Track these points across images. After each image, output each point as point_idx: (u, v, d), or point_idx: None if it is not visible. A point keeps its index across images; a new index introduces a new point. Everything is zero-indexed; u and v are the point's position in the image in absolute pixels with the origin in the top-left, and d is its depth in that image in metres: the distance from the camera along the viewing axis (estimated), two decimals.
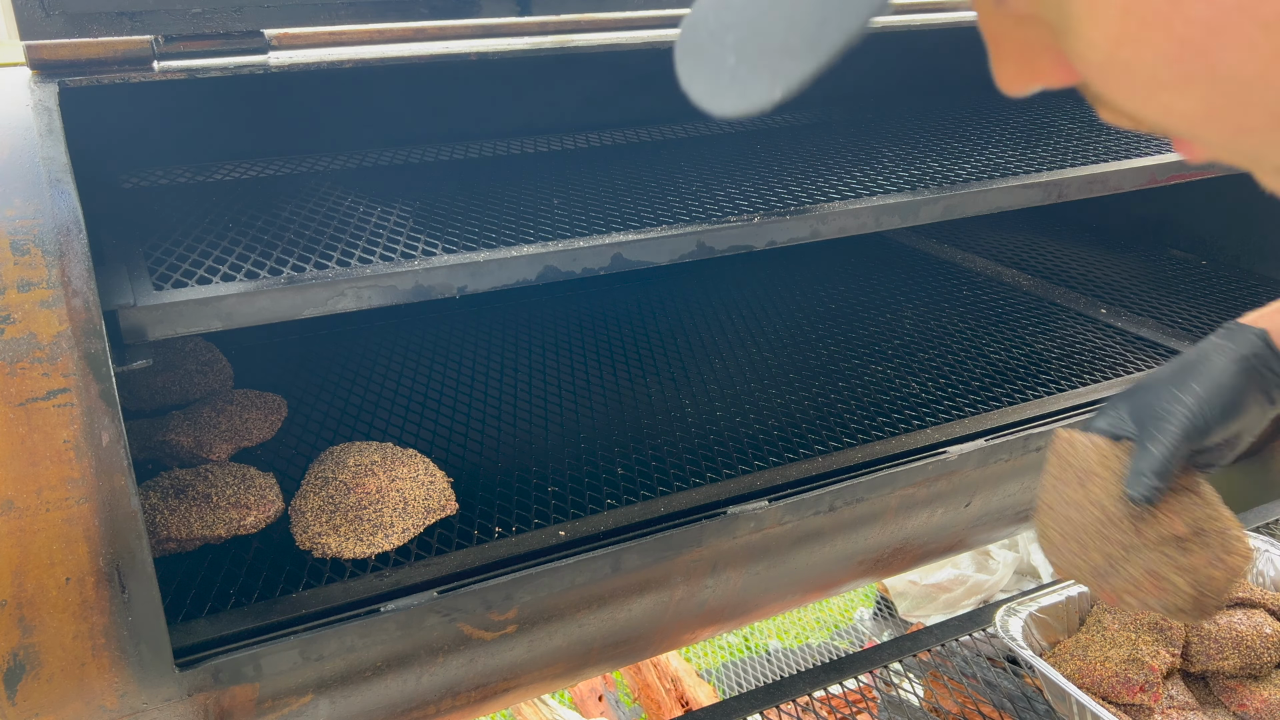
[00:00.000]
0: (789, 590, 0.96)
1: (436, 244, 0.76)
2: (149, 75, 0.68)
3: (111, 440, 0.58)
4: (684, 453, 0.93)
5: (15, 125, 0.62)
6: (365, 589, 0.73)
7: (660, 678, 1.64)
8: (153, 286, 0.66)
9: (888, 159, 1.01)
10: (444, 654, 0.75)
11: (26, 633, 0.58)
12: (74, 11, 0.66)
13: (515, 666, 0.81)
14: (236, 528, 0.79)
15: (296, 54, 0.70)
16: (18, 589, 0.58)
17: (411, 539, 0.79)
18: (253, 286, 0.67)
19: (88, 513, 0.58)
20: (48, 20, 0.65)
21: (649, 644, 0.92)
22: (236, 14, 0.69)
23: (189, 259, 0.71)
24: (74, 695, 0.61)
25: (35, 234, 0.58)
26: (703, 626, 0.94)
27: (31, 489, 0.57)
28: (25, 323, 0.57)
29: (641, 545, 0.79)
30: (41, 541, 0.58)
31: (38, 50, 0.66)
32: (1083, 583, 0.69)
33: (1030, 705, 1.00)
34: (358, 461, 0.86)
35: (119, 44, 0.67)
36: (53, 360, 0.57)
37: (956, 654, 1.09)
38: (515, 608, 0.75)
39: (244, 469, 0.85)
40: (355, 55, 0.71)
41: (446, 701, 0.81)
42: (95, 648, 0.60)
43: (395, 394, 1.07)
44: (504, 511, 0.84)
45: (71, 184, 0.61)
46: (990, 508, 1.02)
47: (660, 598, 0.84)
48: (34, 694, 0.60)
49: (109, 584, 0.60)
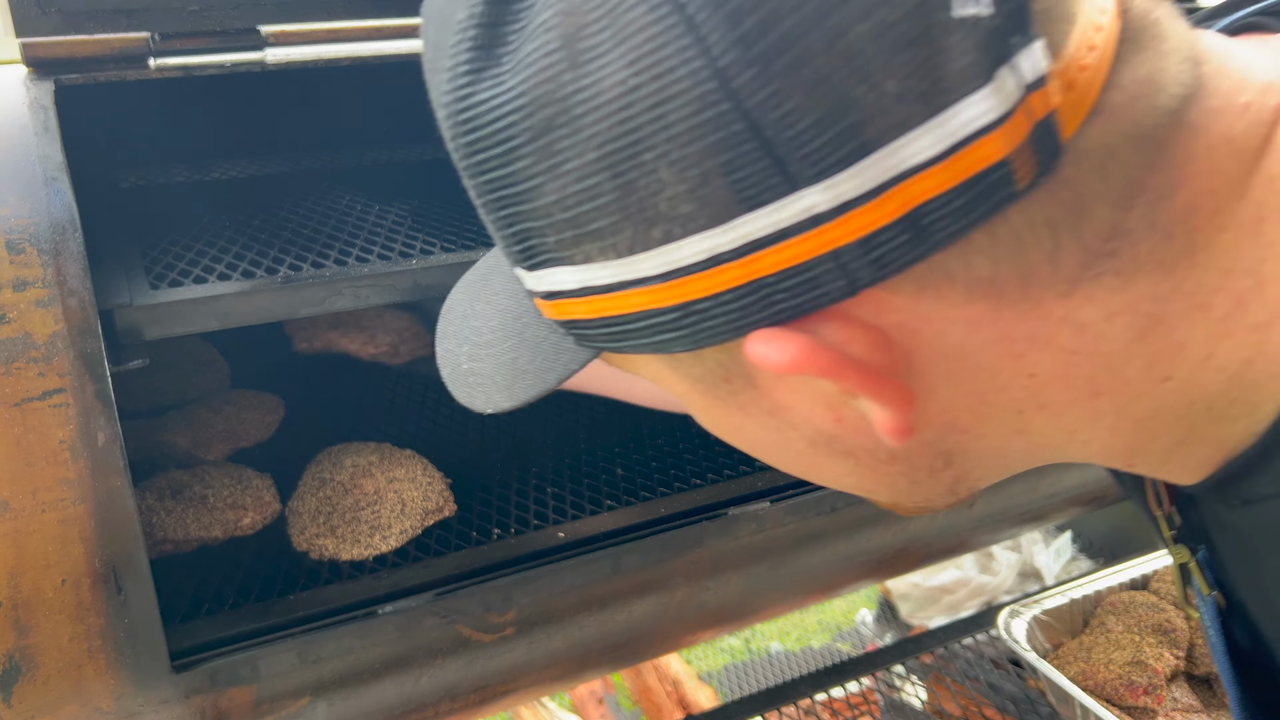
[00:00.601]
0: (790, 592, 0.95)
1: (435, 243, 0.76)
2: (145, 73, 0.68)
3: (107, 441, 0.58)
4: (684, 453, 0.93)
5: (10, 123, 0.62)
6: (363, 591, 0.73)
7: (660, 680, 1.63)
8: (149, 286, 0.66)
9: None
10: (442, 656, 0.75)
11: (22, 635, 0.58)
12: (70, 9, 0.65)
13: (514, 669, 0.81)
14: (233, 529, 0.79)
15: (293, 50, 0.70)
16: (13, 590, 0.57)
17: (409, 540, 0.79)
18: (249, 286, 0.66)
19: (84, 514, 0.58)
20: (43, 18, 0.65)
21: (649, 646, 0.91)
22: (233, 10, 0.69)
23: (186, 258, 0.71)
24: (70, 697, 0.61)
25: (31, 233, 0.58)
26: (703, 628, 0.94)
27: (27, 490, 0.57)
28: (20, 322, 0.57)
29: (641, 546, 0.78)
30: (37, 543, 0.57)
31: (33, 48, 0.65)
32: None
33: (1034, 708, 0.99)
34: (355, 462, 0.85)
35: (115, 41, 0.66)
36: (48, 360, 0.57)
37: (960, 656, 1.08)
38: (514, 609, 0.75)
39: (241, 470, 0.84)
40: (352, 52, 0.71)
41: (445, 704, 0.80)
42: (92, 650, 0.60)
43: (394, 394, 1.07)
44: (502, 513, 0.83)
45: (67, 182, 0.60)
46: (993, 509, 1.02)
47: (660, 599, 0.84)
48: (30, 696, 0.60)
49: (105, 585, 0.59)
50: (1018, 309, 0.33)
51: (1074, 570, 1.78)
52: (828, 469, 0.40)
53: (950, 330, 0.33)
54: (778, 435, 0.38)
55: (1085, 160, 0.31)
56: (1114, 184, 0.31)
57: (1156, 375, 0.34)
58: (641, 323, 0.34)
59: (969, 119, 0.28)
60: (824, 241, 0.30)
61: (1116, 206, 0.32)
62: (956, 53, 0.28)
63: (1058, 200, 0.31)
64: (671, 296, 0.32)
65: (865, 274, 0.31)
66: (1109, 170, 0.31)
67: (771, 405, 0.37)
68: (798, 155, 0.29)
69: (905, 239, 0.30)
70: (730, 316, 0.32)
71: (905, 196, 0.29)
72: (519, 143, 0.32)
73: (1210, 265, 0.33)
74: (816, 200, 0.29)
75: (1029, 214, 0.31)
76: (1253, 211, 0.33)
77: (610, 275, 0.33)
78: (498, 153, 0.32)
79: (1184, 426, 0.36)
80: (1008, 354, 0.34)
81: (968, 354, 0.34)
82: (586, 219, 0.32)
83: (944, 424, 0.36)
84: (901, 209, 0.29)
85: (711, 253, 0.31)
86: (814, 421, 0.36)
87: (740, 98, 0.28)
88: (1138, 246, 0.32)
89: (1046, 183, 0.30)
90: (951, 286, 0.32)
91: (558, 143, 0.31)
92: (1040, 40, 0.29)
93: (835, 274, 0.31)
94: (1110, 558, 1.76)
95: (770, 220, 0.30)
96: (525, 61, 0.30)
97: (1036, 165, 0.30)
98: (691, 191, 0.30)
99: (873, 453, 0.38)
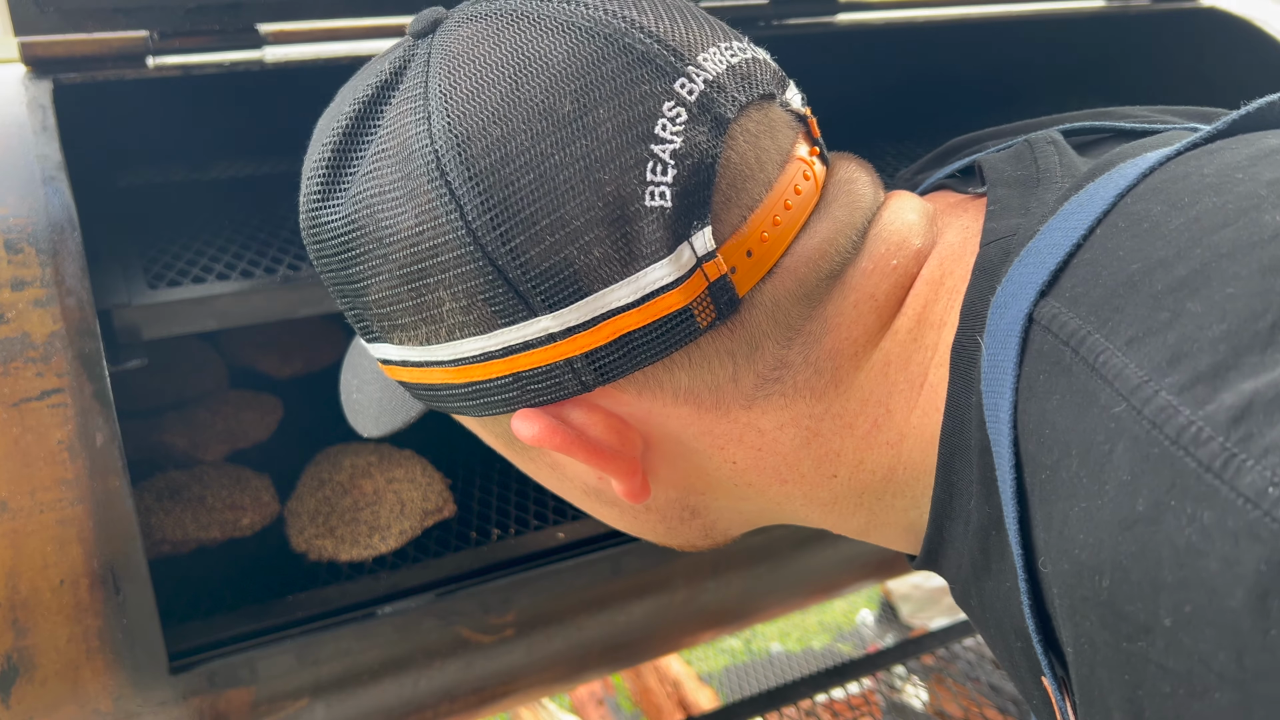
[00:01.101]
0: (791, 593, 0.95)
1: None
2: (143, 72, 0.68)
3: (106, 441, 0.58)
4: None
5: (9, 123, 0.62)
6: (362, 592, 0.72)
7: (661, 681, 1.63)
8: (147, 285, 0.66)
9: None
10: (441, 657, 0.74)
11: (20, 635, 0.58)
12: (68, 8, 0.65)
13: (514, 670, 0.81)
14: (232, 530, 0.78)
15: (292, 49, 0.70)
16: (11, 591, 0.57)
17: (408, 541, 0.78)
18: (247, 285, 0.66)
19: (82, 514, 0.58)
20: (42, 17, 0.65)
21: (649, 647, 0.91)
22: (231, 10, 0.68)
23: (184, 257, 0.70)
24: (68, 699, 0.61)
25: (29, 233, 0.58)
26: (703, 629, 0.94)
27: (25, 490, 0.57)
28: (18, 322, 0.57)
29: (641, 547, 0.78)
30: (35, 543, 0.57)
31: (32, 47, 0.65)
32: None
33: None
34: (353, 463, 0.85)
35: (113, 40, 0.66)
36: (46, 360, 0.57)
37: (960, 657, 1.08)
38: (514, 611, 0.75)
39: (239, 470, 0.84)
40: (351, 50, 0.71)
41: (444, 706, 0.80)
42: (89, 651, 0.60)
43: None
44: (502, 513, 0.83)
45: (66, 182, 0.60)
46: None
47: (660, 600, 0.84)
48: (28, 697, 0.59)
49: (103, 586, 0.59)
50: (714, 414, 0.42)
51: None
52: (603, 513, 0.50)
53: (668, 423, 0.43)
54: (561, 484, 0.49)
55: (758, 309, 0.40)
56: (779, 328, 0.41)
57: (825, 473, 0.43)
58: (446, 392, 0.44)
59: (655, 279, 0.38)
60: (559, 352, 0.39)
61: (780, 344, 0.41)
62: (646, 232, 0.38)
63: (735, 337, 0.40)
64: (461, 376, 0.42)
65: (591, 378, 0.40)
66: (776, 317, 0.41)
67: (552, 461, 0.47)
68: (535, 293, 0.38)
69: (618, 355, 0.39)
70: (505, 396, 0.42)
71: (615, 327, 0.39)
72: (350, 255, 0.42)
73: (851, 396, 0.42)
74: (549, 324, 0.39)
75: (715, 345, 0.40)
76: (881, 357, 0.41)
77: (418, 355, 0.43)
78: (336, 260, 0.43)
79: (865, 512, 0.45)
80: (713, 445, 0.43)
81: (685, 441, 0.43)
82: (396, 316, 0.42)
83: (683, 487, 0.46)
84: (612, 334, 0.39)
85: (482, 350, 0.40)
86: (583, 478, 0.47)
87: (489, 251, 0.38)
88: (796, 376, 0.41)
89: (727, 323, 0.40)
90: (662, 391, 0.41)
91: (373, 261, 0.41)
92: (708, 227, 0.38)
93: (570, 376, 0.40)
94: None
95: (519, 334, 0.39)
96: (354, 197, 0.41)
97: (715, 311, 0.39)
98: (463, 310, 0.39)
99: (632, 505, 0.47)
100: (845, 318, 0.41)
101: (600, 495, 0.47)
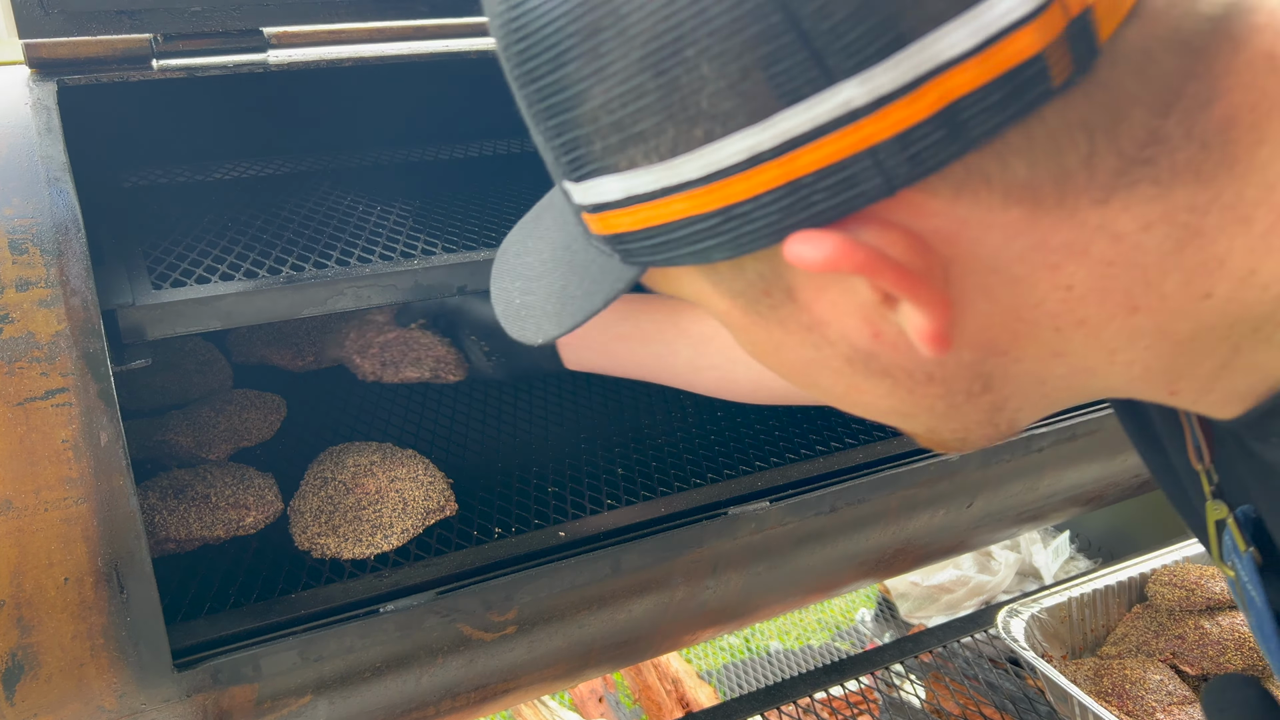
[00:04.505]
0: (790, 591, 0.96)
1: (436, 243, 0.76)
2: (148, 74, 0.68)
3: (110, 440, 0.58)
4: (684, 453, 0.93)
5: (13, 124, 0.62)
6: (365, 589, 0.73)
7: (661, 679, 1.63)
8: (151, 285, 0.66)
9: None
10: (443, 655, 0.75)
11: (25, 633, 0.58)
12: (73, 10, 0.65)
13: (515, 667, 0.81)
14: (235, 528, 0.79)
15: (295, 52, 0.70)
16: (16, 589, 0.57)
17: (411, 539, 0.79)
18: (251, 286, 0.67)
19: (86, 513, 0.58)
20: (46, 19, 0.65)
21: (649, 645, 0.92)
22: (235, 12, 0.69)
23: (188, 258, 0.71)
24: (73, 696, 0.61)
25: (34, 233, 0.58)
26: (703, 627, 0.94)
27: (30, 489, 0.57)
28: (23, 322, 0.57)
29: (641, 546, 0.78)
30: (40, 542, 0.57)
31: (36, 49, 0.65)
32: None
33: (1032, 707, 1.00)
34: (356, 462, 0.86)
35: (118, 42, 0.67)
36: (51, 360, 0.57)
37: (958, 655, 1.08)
38: (515, 608, 0.75)
39: (243, 469, 0.85)
40: (355, 53, 0.71)
41: (446, 703, 0.80)
42: (94, 648, 0.60)
43: (394, 393, 1.07)
44: (504, 512, 0.84)
45: (70, 183, 0.60)
46: (992, 508, 1.02)
47: (661, 598, 0.84)
48: (33, 694, 0.60)
49: (108, 584, 0.59)
50: (1054, 215, 0.32)
51: (1072, 569, 1.79)
52: (865, 390, 0.39)
53: (987, 238, 0.33)
54: (815, 353, 0.38)
55: (1122, 63, 0.31)
56: (1151, 89, 0.31)
57: (1196, 291, 0.34)
58: (683, 230, 0.34)
59: (1003, 11, 0.29)
60: (861, 138, 0.30)
61: (1153, 112, 0.31)
62: None
63: (1094, 102, 0.31)
64: (712, 201, 0.33)
65: (902, 172, 0.31)
66: (1146, 75, 0.31)
67: (810, 320, 0.37)
68: (835, 47, 0.29)
69: (941, 135, 0.30)
70: (769, 219, 0.33)
71: (941, 91, 0.29)
72: (567, 46, 0.32)
73: (1250, 179, 0.32)
74: (853, 94, 0.29)
75: (1065, 115, 0.31)
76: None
77: (653, 181, 0.34)
78: (547, 59, 0.33)
79: (1227, 349, 0.35)
80: (1044, 264, 0.34)
81: (1004, 265, 0.34)
82: (631, 120, 0.32)
83: (982, 344, 0.36)
84: (938, 104, 0.29)
85: (751, 152, 0.31)
86: (851, 337, 0.37)
87: None
88: (1175, 155, 0.32)
89: (1082, 83, 0.30)
90: (988, 190, 0.32)
91: (604, 44, 0.31)
92: None
93: (872, 172, 0.31)
94: (1108, 557, 1.77)
95: (808, 116, 0.30)
96: None
97: (1072, 63, 0.30)
98: (732, 87, 0.30)
99: (910, 372, 0.38)
100: (1238, 78, 0.32)
101: (870, 363, 0.38)
